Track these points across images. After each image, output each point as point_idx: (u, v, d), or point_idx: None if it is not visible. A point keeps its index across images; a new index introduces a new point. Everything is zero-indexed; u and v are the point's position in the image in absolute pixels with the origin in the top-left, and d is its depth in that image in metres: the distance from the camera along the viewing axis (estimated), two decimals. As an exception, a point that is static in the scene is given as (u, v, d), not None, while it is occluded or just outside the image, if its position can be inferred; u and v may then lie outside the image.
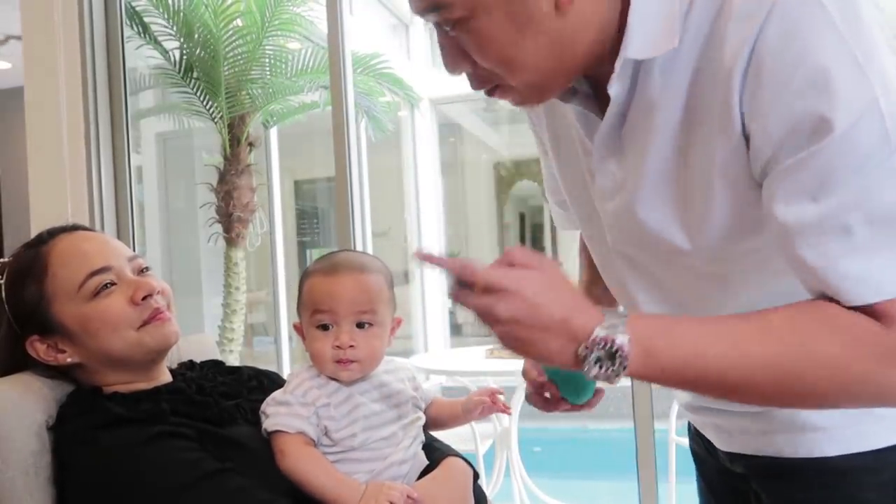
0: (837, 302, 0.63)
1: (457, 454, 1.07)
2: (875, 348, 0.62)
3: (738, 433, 0.89)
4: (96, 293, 1.00)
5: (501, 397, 1.11)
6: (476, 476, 1.07)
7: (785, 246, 0.65)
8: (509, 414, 1.12)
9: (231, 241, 4.19)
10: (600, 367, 0.64)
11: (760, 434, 0.86)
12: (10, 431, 0.93)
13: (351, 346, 0.98)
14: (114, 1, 2.50)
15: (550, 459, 4.27)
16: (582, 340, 0.64)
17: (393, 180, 6.25)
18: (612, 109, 0.74)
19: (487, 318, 0.66)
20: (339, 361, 0.99)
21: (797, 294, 0.67)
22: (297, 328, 1.05)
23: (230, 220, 4.15)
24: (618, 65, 0.70)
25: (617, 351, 0.63)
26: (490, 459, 3.03)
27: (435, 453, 1.06)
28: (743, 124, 0.66)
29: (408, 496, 0.93)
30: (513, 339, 0.66)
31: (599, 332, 0.64)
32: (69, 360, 1.01)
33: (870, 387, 0.63)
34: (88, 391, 1.01)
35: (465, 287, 0.67)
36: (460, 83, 0.88)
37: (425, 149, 6.06)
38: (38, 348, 1.01)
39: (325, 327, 0.99)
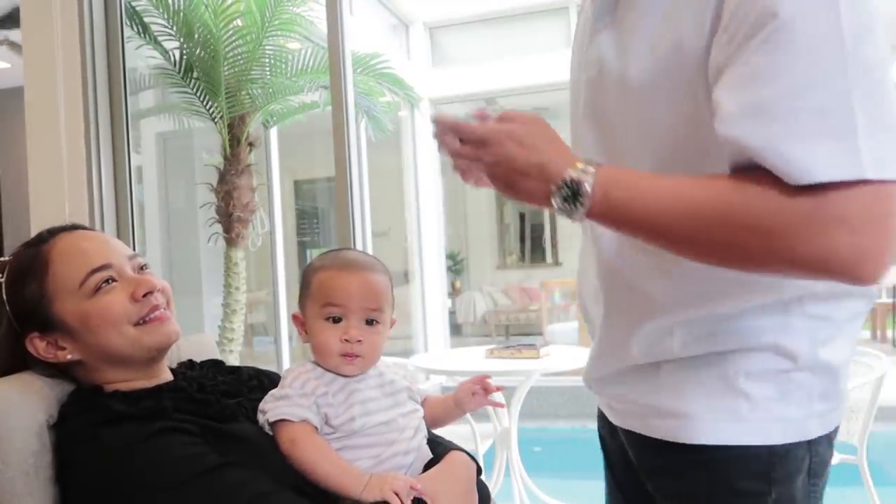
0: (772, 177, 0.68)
1: (460, 449, 1.08)
2: (801, 219, 0.68)
3: (622, 407, 0.97)
4: (97, 289, 1.00)
5: (491, 381, 1.14)
6: (479, 470, 1.08)
7: (723, 124, 0.71)
8: (503, 406, 1.12)
9: (231, 241, 4.19)
10: (565, 203, 0.76)
11: (640, 416, 0.93)
12: (10, 431, 0.93)
13: (359, 341, 1.01)
14: (114, 1, 2.50)
15: (550, 459, 4.27)
16: (554, 182, 0.76)
17: (393, 180, 6.25)
18: None
19: (479, 163, 0.80)
20: (345, 355, 1.01)
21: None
22: (298, 319, 1.06)
23: (230, 220, 4.15)
24: None
25: (581, 192, 0.75)
26: (490, 459, 3.03)
27: (438, 448, 1.07)
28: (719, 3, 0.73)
29: (412, 487, 0.93)
30: (499, 181, 0.81)
31: (568, 176, 0.76)
32: (69, 356, 1.01)
33: (786, 253, 0.69)
34: (89, 389, 1.01)
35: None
36: (460, 83, 0.90)
37: (425, 149, 6.06)
38: (38, 345, 1.01)
39: (335, 320, 1.01)
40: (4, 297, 1.03)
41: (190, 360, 1.18)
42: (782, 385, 0.85)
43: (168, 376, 1.08)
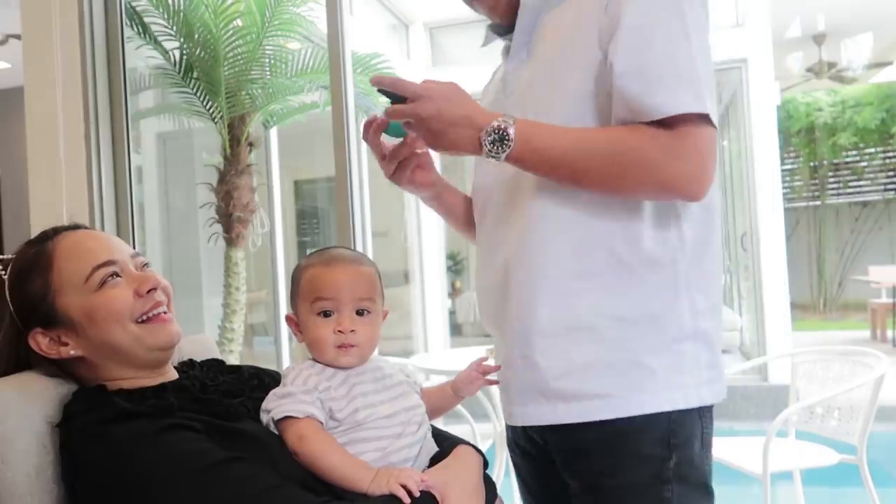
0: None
1: (467, 443, 1.08)
2: (665, 145, 0.93)
3: (522, 405, 1.07)
4: (102, 284, 1.01)
5: (489, 361, 1.16)
6: (486, 464, 1.08)
7: (615, 79, 0.95)
8: (498, 383, 1.14)
9: (231, 241, 4.18)
10: (493, 146, 0.96)
11: (542, 398, 1.03)
12: (11, 431, 0.93)
13: (352, 331, 1.03)
14: (114, 1, 2.50)
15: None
16: (483, 128, 0.97)
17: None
18: (520, 18, 1.10)
19: (413, 117, 0.99)
20: (340, 346, 1.03)
21: None
22: (291, 320, 1.08)
23: (230, 220, 4.15)
24: None
25: (506, 136, 0.96)
26: (490, 459, 3.03)
27: (444, 442, 1.07)
28: None
29: (420, 480, 0.93)
30: (431, 132, 0.99)
31: (495, 124, 0.97)
32: (72, 352, 1.01)
33: (658, 173, 0.94)
34: (94, 388, 1.01)
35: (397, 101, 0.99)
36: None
37: (425, 149, 6.04)
38: (41, 341, 1.02)
39: (326, 314, 1.03)
40: (7, 294, 1.03)
41: (191, 360, 1.18)
42: (676, 357, 1.01)
43: (172, 375, 1.08)
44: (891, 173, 9.25)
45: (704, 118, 0.93)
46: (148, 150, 5.23)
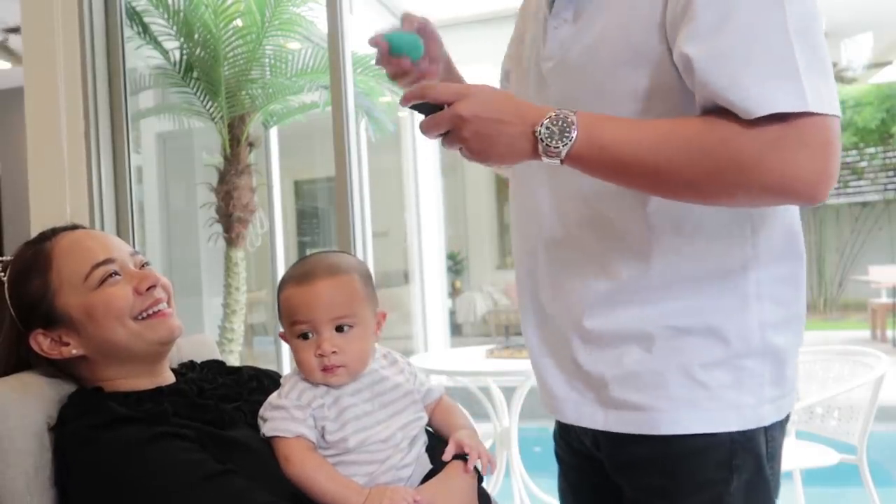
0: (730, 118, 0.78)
1: (461, 457, 1.05)
2: (772, 138, 0.76)
3: (566, 401, 1.01)
4: (102, 282, 1.01)
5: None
6: (480, 478, 1.06)
7: (692, 73, 0.79)
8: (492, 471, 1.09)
9: (231, 241, 4.19)
10: (551, 140, 0.80)
11: (595, 402, 0.97)
12: (11, 431, 0.93)
13: (334, 353, 0.97)
14: (114, 1, 2.50)
15: (550, 459, 4.26)
16: (537, 123, 0.81)
17: (393, 180, 6.25)
18: None
19: (454, 121, 0.82)
20: (324, 370, 0.97)
21: None
22: (283, 337, 1.03)
23: (230, 220, 4.15)
24: None
25: (568, 126, 0.80)
26: (490, 459, 3.02)
27: (441, 445, 1.05)
28: None
29: (413, 500, 0.92)
30: (478, 135, 0.82)
31: (552, 114, 0.81)
32: (73, 352, 1.01)
33: (761, 172, 0.77)
34: (90, 391, 1.01)
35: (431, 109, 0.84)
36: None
37: (425, 149, 6.06)
38: (42, 342, 1.02)
39: (305, 336, 0.98)
40: (7, 295, 1.03)
41: (191, 361, 1.18)
42: (735, 372, 0.91)
43: (169, 378, 1.08)
44: (891, 173, 9.25)
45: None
46: (148, 150, 5.23)
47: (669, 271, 0.91)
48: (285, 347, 4.50)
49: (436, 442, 1.07)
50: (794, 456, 2.66)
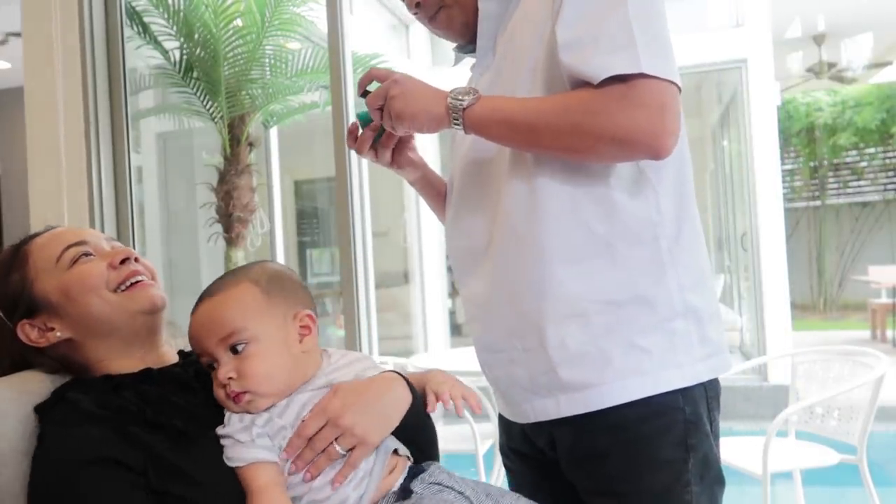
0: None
1: (401, 375, 1.00)
2: (618, 95, 0.92)
3: (521, 402, 1.06)
4: (74, 262, 1.02)
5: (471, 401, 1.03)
6: (416, 400, 0.97)
7: (560, 54, 0.96)
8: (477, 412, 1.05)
9: (231, 241, 4.19)
10: (458, 96, 1.00)
11: (545, 391, 1.02)
12: (9, 431, 0.93)
13: (231, 378, 0.88)
14: (114, 1, 2.50)
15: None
16: (449, 94, 1.01)
17: (393, 180, 6.24)
18: (479, 27, 1.11)
19: (390, 85, 1.04)
20: (231, 398, 0.89)
21: None
22: None
23: (230, 220, 4.15)
24: None
25: (472, 92, 1.01)
26: (490, 459, 3.03)
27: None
28: None
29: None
30: (403, 95, 1.03)
31: (461, 87, 1.03)
32: (58, 335, 1.01)
33: (612, 123, 0.92)
34: (69, 384, 1.00)
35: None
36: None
37: (425, 149, 6.06)
38: (29, 333, 1.02)
39: (211, 367, 0.91)
40: None
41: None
42: (668, 335, 1.00)
43: (164, 358, 1.06)
44: (891, 173, 9.25)
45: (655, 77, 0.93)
46: (148, 150, 5.23)
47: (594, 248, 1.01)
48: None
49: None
50: (794, 456, 2.66)
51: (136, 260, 1.06)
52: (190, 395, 0.98)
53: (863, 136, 8.91)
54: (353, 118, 2.42)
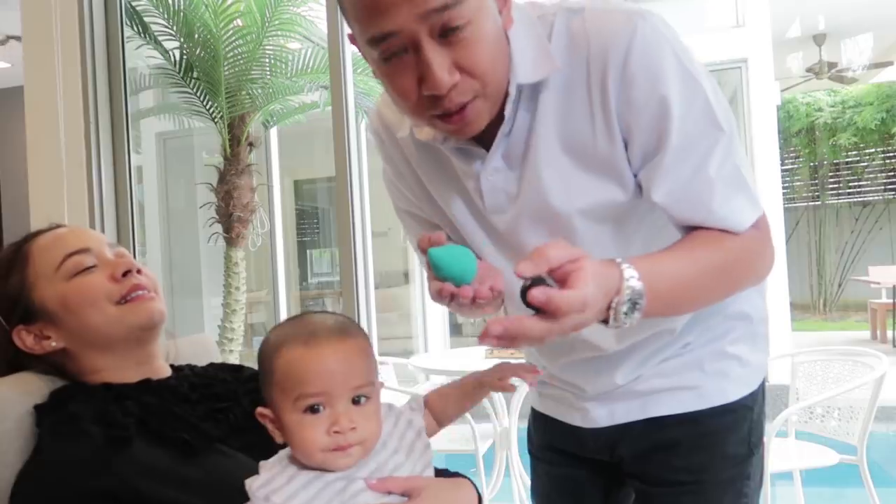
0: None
1: (468, 479, 0.94)
2: (761, 248, 0.94)
3: (608, 402, 1.08)
4: (75, 273, 1.00)
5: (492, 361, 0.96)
6: (480, 500, 0.93)
7: (670, 209, 0.91)
8: (514, 389, 0.94)
9: (231, 241, 4.19)
10: (626, 316, 0.79)
11: (633, 397, 1.07)
12: (8, 431, 0.93)
13: (353, 429, 0.80)
14: (114, 1, 2.50)
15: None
16: (612, 298, 0.78)
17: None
18: (503, 129, 0.92)
19: (575, 328, 0.76)
20: (337, 449, 0.80)
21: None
22: (266, 417, 0.83)
23: (230, 220, 4.15)
24: (511, 88, 0.89)
25: (637, 302, 0.79)
26: (490, 459, 3.03)
27: (444, 474, 0.94)
28: (618, 117, 0.89)
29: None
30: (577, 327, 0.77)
31: (625, 293, 0.78)
32: (54, 344, 1.00)
33: (762, 269, 0.96)
34: (67, 388, 0.99)
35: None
36: None
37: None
38: (25, 338, 1.01)
39: (314, 409, 0.80)
40: None
41: (189, 365, 1.16)
42: (753, 339, 1.08)
43: (161, 370, 1.06)
44: (891, 173, 9.24)
45: None
46: (148, 150, 5.23)
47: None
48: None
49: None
50: (794, 456, 2.66)
51: (139, 272, 1.04)
52: (188, 407, 0.98)
53: (863, 136, 8.90)
54: (353, 118, 2.42)
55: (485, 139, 0.93)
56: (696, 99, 0.88)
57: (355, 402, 0.81)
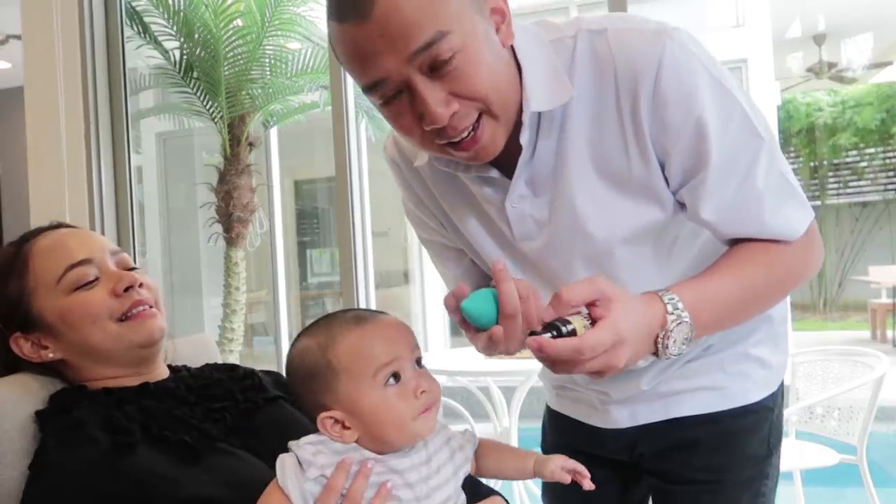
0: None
1: (500, 495, 0.95)
2: (804, 248, 0.92)
3: (630, 404, 1.08)
4: (76, 287, 0.98)
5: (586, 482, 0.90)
6: None
7: (719, 226, 0.89)
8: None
9: (231, 241, 4.19)
10: (675, 346, 0.80)
11: (656, 398, 1.06)
12: (6, 432, 0.93)
13: (426, 391, 0.82)
14: (114, 1, 2.50)
15: (550, 459, 4.25)
16: (657, 332, 0.79)
17: (393, 180, 6.24)
18: (523, 157, 0.89)
19: (610, 368, 0.76)
20: (426, 410, 0.81)
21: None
22: (332, 419, 0.80)
23: (230, 220, 4.16)
24: (525, 117, 0.86)
25: (687, 336, 0.80)
26: (490, 459, 3.02)
27: (479, 487, 0.96)
28: (653, 140, 0.86)
29: None
30: (609, 366, 0.76)
31: (670, 327, 0.79)
32: (51, 356, 0.99)
33: (808, 275, 0.94)
34: (69, 391, 0.98)
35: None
36: None
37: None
38: (22, 346, 1.00)
39: (396, 377, 0.81)
40: None
41: (185, 367, 1.15)
42: (774, 340, 1.09)
43: (159, 372, 1.05)
44: (891, 173, 9.25)
45: None
46: (148, 150, 5.24)
47: None
48: (285, 347, 4.53)
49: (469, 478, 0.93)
50: (794, 456, 2.66)
51: (140, 285, 1.01)
52: (187, 409, 0.97)
53: (863, 136, 8.91)
54: (353, 118, 2.42)
55: (505, 165, 0.91)
56: (733, 113, 0.85)
57: (418, 364, 0.84)
